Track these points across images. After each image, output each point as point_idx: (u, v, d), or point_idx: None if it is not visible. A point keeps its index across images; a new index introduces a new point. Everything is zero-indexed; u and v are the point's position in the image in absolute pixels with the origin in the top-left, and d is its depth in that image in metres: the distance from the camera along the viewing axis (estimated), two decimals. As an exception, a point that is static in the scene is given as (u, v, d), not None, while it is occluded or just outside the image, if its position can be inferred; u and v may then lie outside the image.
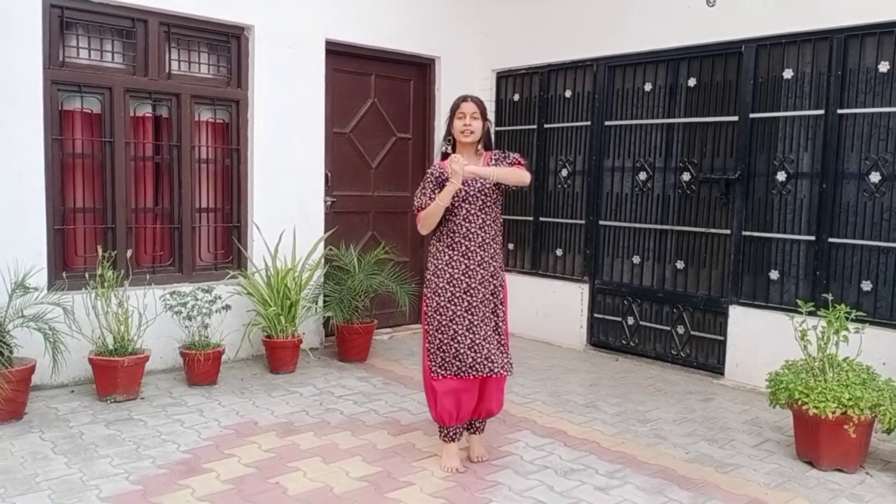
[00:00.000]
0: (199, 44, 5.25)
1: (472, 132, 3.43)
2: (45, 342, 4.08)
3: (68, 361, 4.33)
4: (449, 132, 3.52)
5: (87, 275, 4.55)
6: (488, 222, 3.45)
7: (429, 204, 3.41)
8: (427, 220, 3.42)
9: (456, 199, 3.39)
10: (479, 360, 3.34)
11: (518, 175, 3.42)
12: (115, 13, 4.81)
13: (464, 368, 3.35)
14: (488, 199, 3.44)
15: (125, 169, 4.93)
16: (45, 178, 4.53)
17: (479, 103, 3.48)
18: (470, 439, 3.62)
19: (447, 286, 3.40)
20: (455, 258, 3.41)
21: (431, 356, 3.42)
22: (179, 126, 5.15)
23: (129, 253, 4.79)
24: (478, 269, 3.41)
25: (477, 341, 3.36)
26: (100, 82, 4.79)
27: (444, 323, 3.38)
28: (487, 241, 3.44)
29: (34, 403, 4.23)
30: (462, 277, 3.40)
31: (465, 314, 3.38)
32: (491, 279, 3.45)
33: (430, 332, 3.43)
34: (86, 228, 4.85)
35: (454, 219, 3.43)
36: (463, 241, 3.42)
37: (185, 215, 5.21)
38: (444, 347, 3.38)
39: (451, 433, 3.49)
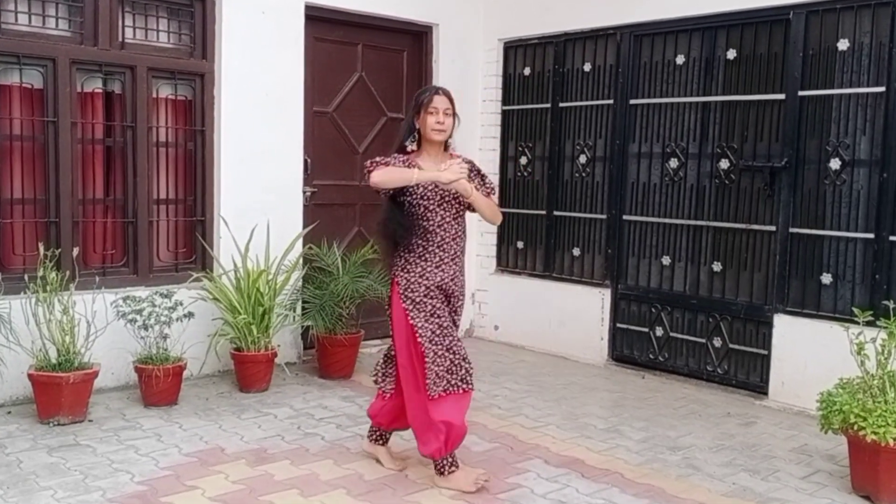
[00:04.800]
0: (157, 8, 5.24)
1: (444, 130, 3.63)
2: (-22, 355, 4.09)
3: (4, 378, 4.34)
4: (412, 127, 3.67)
5: (26, 277, 4.53)
6: (460, 233, 3.70)
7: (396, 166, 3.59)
8: (389, 177, 3.53)
9: (430, 202, 3.61)
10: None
11: (493, 212, 3.78)
12: (59, -28, 4.82)
13: (454, 381, 3.57)
14: (461, 207, 3.68)
15: (71, 154, 4.92)
16: (-22, 164, 4.54)
17: (451, 98, 3.69)
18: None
19: (426, 299, 3.59)
20: (431, 270, 3.61)
21: (430, 374, 3.55)
22: (134, 104, 5.14)
23: (75, 251, 4.78)
24: (450, 283, 3.65)
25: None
26: (42, 52, 4.78)
27: (438, 334, 3.58)
28: (458, 253, 3.69)
29: (-36, 426, 4.24)
30: (437, 291, 3.62)
31: (449, 327, 3.63)
32: (459, 295, 3.72)
33: (428, 351, 3.58)
34: (25, 223, 4.85)
35: (427, 224, 3.61)
36: (437, 251, 3.62)
37: (140, 208, 5.21)
38: (439, 361, 3.57)
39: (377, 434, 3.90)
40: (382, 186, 3.57)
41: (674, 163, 5.68)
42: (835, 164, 4.90)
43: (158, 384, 4.66)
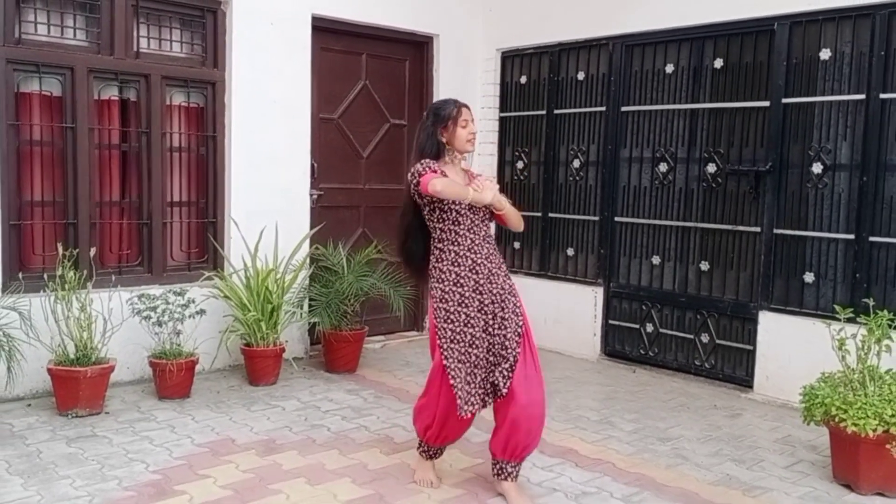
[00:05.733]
0: (170, 19, 5.25)
1: (474, 140, 3.54)
2: (0, 350, 4.08)
3: (25, 372, 4.32)
4: (436, 138, 3.47)
5: (45, 276, 4.54)
6: (490, 234, 3.55)
7: (435, 171, 3.37)
8: (451, 190, 3.30)
9: (461, 206, 3.38)
10: (486, 394, 3.41)
11: (519, 220, 3.59)
12: (77, -15, 4.82)
13: (488, 398, 3.42)
14: (488, 211, 3.50)
15: (88, 158, 4.92)
16: (0, 169, 4.52)
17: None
18: (502, 487, 3.45)
19: (459, 308, 3.38)
20: (462, 274, 3.40)
21: (458, 390, 3.35)
22: (149, 110, 5.14)
23: (92, 251, 4.79)
24: (486, 283, 3.41)
25: (481, 372, 3.39)
26: (60, 61, 4.78)
27: (463, 352, 3.36)
28: (492, 252, 3.49)
29: (-13, 418, 4.24)
30: (473, 295, 3.39)
31: (484, 335, 3.39)
32: (500, 292, 3.44)
33: (451, 367, 3.36)
34: (45, 224, 4.85)
35: (458, 229, 3.41)
36: (468, 253, 3.41)
37: (155, 210, 5.21)
38: (468, 380, 3.36)
39: (432, 452, 3.61)
40: (441, 196, 3.30)
41: (663, 167, 5.68)
42: (817, 168, 4.90)
43: (172, 378, 4.66)
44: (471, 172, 3.63)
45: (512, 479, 3.43)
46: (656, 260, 5.75)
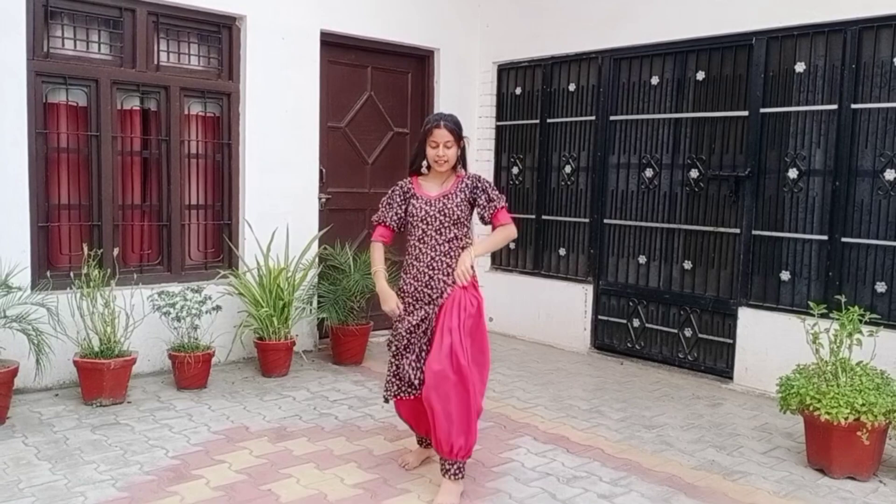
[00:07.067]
0: (189, 34, 5.25)
1: (446, 161, 3.38)
2: (29, 344, 4.09)
3: (53, 364, 4.34)
4: (423, 152, 3.43)
5: (72, 274, 4.56)
6: (441, 242, 3.38)
7: (387, 227, 3.56)
8: (371, 256, 3.63)
9: (414, 218, 3.42)
10: (403, 384, 3.45)
11: (505, 238, 3.46)
12: (102, 2, 4.82)
13: (402, 388, 3.46)
14: (447, 219, 3.37)
15: (112, 164, 4.93)
16: (29, 174, 4.54)
17: (453, 129, 3.37)
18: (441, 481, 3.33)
19: (404, 305, 3.45)
20: (408, 281, 3.44)
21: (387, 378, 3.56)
22: (168, 120, 5.16)
23: (115, 251, 4.80)
24: (424, 289, 3.39)
25: (403, 364, 3.44)
26: (86, 74, 4.79)
27: (398, 339, 3.48)
28: (435, 258, 3.37)
29: (17, 407, 4.24)
30: (409, 300, 3.43)
31: (405, 334, 3.43)
32: (438, 298, 3.37)
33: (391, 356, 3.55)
34: (71, 226, 4.86)
35: (411, 239, 3.45)
36: (414, 262, 3.42)
37: (174, 212, 5.22)
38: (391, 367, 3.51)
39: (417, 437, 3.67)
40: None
41: (649, 172, 5.69)
42: (793, 173, 4.91)
43: (190, 370, 4.67)
44: (456, 180, 3.44)
45: (449, 477, 3.25)
46: (642, 259, 5.76)
